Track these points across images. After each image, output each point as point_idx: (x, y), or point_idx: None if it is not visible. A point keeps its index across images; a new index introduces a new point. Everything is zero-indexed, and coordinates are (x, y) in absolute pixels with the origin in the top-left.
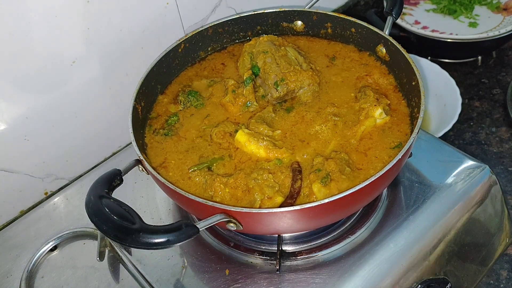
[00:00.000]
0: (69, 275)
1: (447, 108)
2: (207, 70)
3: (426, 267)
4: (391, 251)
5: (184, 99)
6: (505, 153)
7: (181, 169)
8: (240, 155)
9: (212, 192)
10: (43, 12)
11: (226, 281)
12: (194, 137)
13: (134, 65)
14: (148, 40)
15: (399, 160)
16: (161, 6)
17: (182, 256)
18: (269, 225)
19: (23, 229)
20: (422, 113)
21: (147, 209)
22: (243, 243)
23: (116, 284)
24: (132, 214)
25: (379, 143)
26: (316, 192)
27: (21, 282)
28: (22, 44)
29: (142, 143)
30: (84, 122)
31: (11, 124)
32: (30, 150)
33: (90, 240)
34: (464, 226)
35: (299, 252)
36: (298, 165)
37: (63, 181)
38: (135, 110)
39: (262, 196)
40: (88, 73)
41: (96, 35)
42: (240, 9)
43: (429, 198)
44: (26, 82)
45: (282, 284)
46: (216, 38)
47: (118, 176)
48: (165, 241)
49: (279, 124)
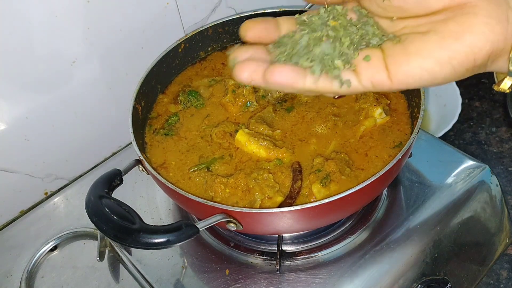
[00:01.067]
0: (69, 275)
1: (447, 108)
2: (207, 70)
3: (426, 267)
4: (391, 251)
5: (185, 99)
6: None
7: (182, 169)
8: (240, 155)
9: (212, 193)
10: (43, 12)
11: (226, 281)
12: (194, 137)
13: (134, 65)
14: (148, 40)
15: (399, 160)
16: (161, 6)
17: (182, 256)
18: (269, 225)
19: (23, 229)
20: (422, 113)
21: (147, 209)
22: (243, 243)
23: (116, 284)
24: (132, 214)
25: (379, 143)
26: (316, 193)
27: (21, 282)
28: (22, 44)
29: (142, 143)
30: (84, 122)
31: (11, 124)
32: (30, 150)
33: (90, 240)
34: (464, 226)
35: (299, 252)
36: (298, 165)
37: (63, 181)
38: (135, 110)
39: (262, 196)
40: (88, 73)
41: (96, 35)
42: (240, 9)
43: (429, 198)
44: (26, 82)
45: (282, 284)
46: (216, 38)
47: (118, 176)
48: (165, 241)
49: (279, 124)
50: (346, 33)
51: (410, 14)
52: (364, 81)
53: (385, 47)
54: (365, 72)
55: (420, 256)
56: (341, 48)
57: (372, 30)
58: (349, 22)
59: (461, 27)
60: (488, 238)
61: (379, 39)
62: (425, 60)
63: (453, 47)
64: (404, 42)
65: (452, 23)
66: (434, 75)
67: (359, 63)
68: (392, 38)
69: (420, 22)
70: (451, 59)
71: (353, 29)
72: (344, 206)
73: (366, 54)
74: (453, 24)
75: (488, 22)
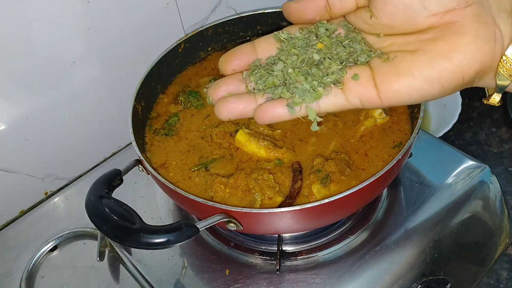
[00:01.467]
0: (69, 275)
1: (447, 108)
2: (207, 70)
3: (426, 267)
4: (391, 251)
5: (185, 99)
6: (505, 153)
7: (182, 169)
8: (240, 155)
9: (212, 193)
10: (43, 12)
11: (226, 281)
12: (194, 137)
13: (134, 65)
14: (148, 40)
15: (399, 160)
16: (161, 6)
17: (182, 256)
18: (269, 225)
19: (23, 229)
20: (422, 113)
21: (147, 209)
22: (243, 243)
23: (116, 284)
24: (132, 214)
25: (379, 143)
26: (316, 193)
27: (21, 282)
28: (22, 44)
29: (142, 143)
30: (84, 122)
31: (11, 124)
32: (30, 150)
33: (90, 240)
34: (464, 226)
35: (299, 252)
36: (298, 165)
37: (63, 181)
38: (135, 110)
39: (262, 197)
40: (88, 73)
41: (96, 35)
42: (240, 9)
43: (429, 198)
44: (26, 82)
45: (282, 284)
46: (216, 38)
47: (118, 176)
48: (165, 241)
49: (279, 124)
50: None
51: (397, 32)
52: (352, 99)
53: (374, 65)
54: (354, 90)
55: (420, 256)
56: (328, 70)
57: (360, 47)
58: (334, 43)
59: (450, 46)
60: (488, 238)
61: (367, 56)
62: (415, 79)
63: (443, 66)
64: (393, 61)
65: (440, 42)
66: (424, 93)
67: (347, 82)
68: (380, 55)
69: (407, 39)
70: (441, 78)
71: (339, 48)
72: (344, 206)
73: (354, 71)
74: (442, 43)
75: (476, 41)
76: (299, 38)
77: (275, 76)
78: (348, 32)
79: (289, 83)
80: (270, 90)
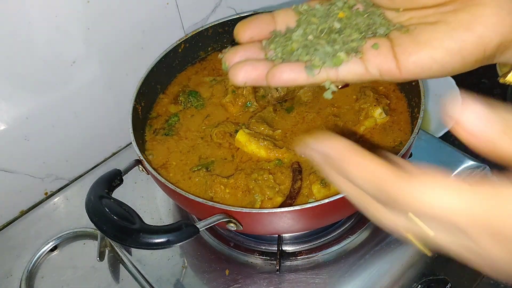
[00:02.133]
0: (69, 275)
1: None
2: (207, 70)
3: (426, 267)
4: (391, 251)
5: (185, 99)
6: None
7: (182, 169)
8: (241, 155)
9: (212, 193)
10: (43, 12)
11: (226, 281)
12: (194, 138)
13: (134, 65)
14: (148, 40)
15: None
16: (161, 6)
17: (182, 256)
18: (269, 225)
19: (23, 229)
20: (422, 113)
21: (147, 209)
22: (243, 243)
23: (116, 284)
24: (132, 214)
25: (379, 142)
26: (316, 193)
27: (21, 282)
28: (22, 44)
29: (142, 143)
30: (84, 122)
31: (11, 124)
32: (30, 150)
33: (90, 240)
34: None
35: (299, 252)
36: (298, 165)
37: (63, 181)
38: (135, 110)
39: (262, 197)
40: (88, 73)
41: (96, 35)
42: (240, 9)
43: None
44: (26, 82)
45: (282, 284)
46: (216, 38)
47: (118, 176)
48: (165, 241)
49: (280, 124)
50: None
51: (418, 5)
52: (371, 69)
53: (393, 37)
54: (373, 60)
55: (420, 256)
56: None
57: (379, 20)
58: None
59: (472, 17)
60: None
61: (386, 28)
62: (435, 50)
63: (464, 37)
64: (413, 32)
65: (462, 13)
66: (444, 65)
67: (367, 51)
68: (399, 28)
69: (427, 13)
70: (462, 50)
71: (359, 19)
72: (344, 206)
73: (373, 42)
74: (463, 14)
75: (498, 13)
76: (319, 10)
77: (294, 41)
78: (367, 7)
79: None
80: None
